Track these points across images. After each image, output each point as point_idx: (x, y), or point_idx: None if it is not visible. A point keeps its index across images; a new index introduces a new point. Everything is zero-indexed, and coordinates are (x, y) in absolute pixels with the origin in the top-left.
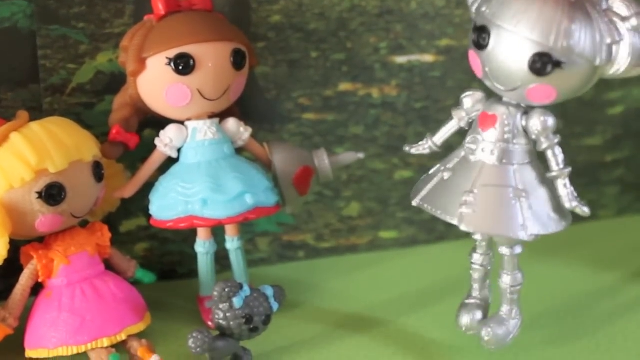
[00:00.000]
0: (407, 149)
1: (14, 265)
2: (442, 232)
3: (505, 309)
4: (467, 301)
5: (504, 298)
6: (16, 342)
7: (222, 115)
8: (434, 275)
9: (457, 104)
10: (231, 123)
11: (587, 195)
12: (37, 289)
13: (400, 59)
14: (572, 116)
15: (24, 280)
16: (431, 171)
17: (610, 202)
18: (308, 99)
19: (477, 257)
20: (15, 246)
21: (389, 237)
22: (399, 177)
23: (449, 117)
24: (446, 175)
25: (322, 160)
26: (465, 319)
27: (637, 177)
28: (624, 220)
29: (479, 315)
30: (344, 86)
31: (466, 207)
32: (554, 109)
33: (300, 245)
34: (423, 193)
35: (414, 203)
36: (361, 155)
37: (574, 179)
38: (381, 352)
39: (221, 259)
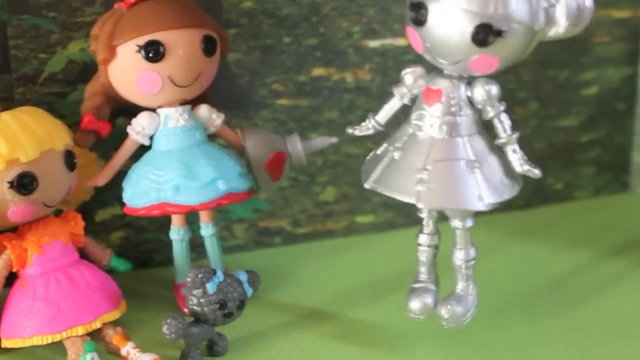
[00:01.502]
0: (350, 131)
1: None
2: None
3: (461, 285)
4: (415, 285)
5: (458, 275)
6: None
7: (194, 102)
8: (412, 259)
9: None
10: (203, 109)
11: (563, 176)
12: (10, 279)
13: (374, 43)
14: (546, 97)
15: None
16: (379, 150)
17: (586, 182)
18: (281, 85)
19: (424, 238)
20: None
21: (366, 222)
22: None
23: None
24: (396, 154)
25: (295, 145)
26: (415, 304)
27: (613, 157)
28: (600, 200)
29: (429, 299)
30: (318, 71)
31: (421, 184)
32: (529, 90)
33: (276, 231)
34: (375, 175)
35: (367, 185)
36: (334, 140)
37: (550, 160)
38: (359, 336)
39: (197, 246)
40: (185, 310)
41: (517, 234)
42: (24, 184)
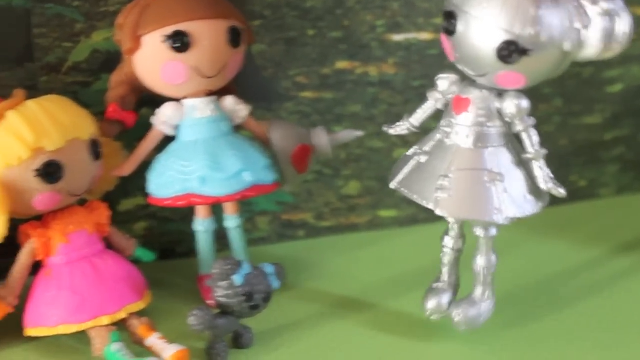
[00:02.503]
0: (385, 129)
1: (12, 244)
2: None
3: (478, 291)
4: (435, 285)
5: (477, 280)
6: (15, 321)
7: (219, 93)
8: (434, 254)
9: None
10: (229, 101)
11: (587, 174)
12: (36, 267)
13: (398, 37)
14: (571, 95)
15: (23, 259)
16: (409, 152)
17: (610, 180)
18: (305, 77)
19: (448, 241)
20: (14, 225)
21: (389, 216)
22: (398, 156)
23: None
24: (423, 158)
25: (321, 138)
26: (431, 303)
27: (637, 155)
28: (623, 198)
29: (445, 299)
30: (342, 64)
31: (442, 191)
32: (554, 87)
33: (300, 224)
34: (400, 177)
35: (392, 185)
36: (360, 134)
37: (573, 158)
38: (382, 330)
39: (220, 239)
40: (210, 301)
41: (540, 231)
42: (50, 172)
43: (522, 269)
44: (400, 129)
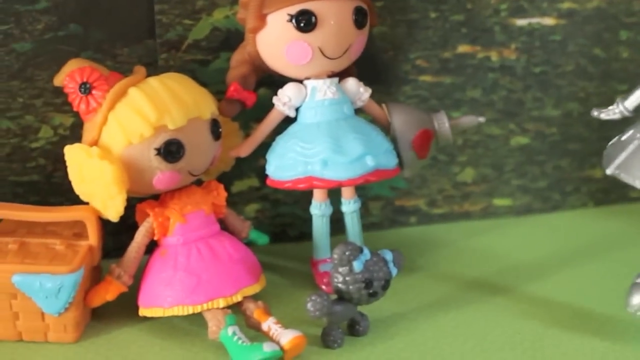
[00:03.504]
0: (595, 113)
1: (124, 222)
2: (557, 201)
3: None
4: (638, 280)
5: None
6: (129, 301)
7: (340, 75)
8: (550, 245)
9: (578, 69)
10: (351, 83)
11: None
12: (150, 247)
13: (521, 22)
14: None
15: (139, 238)
16: (623, 137)
17: None
18: (425, 61)
19: None
20: (127, 204)
21: (503, 205)
22: (515, 143)
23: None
24: None
25: (443, 122)
26: (636, 299)
27: None
28: None
29: None
30: (463, 48)
31: None
32: None
33: (412, 211)
34: (618, 161)
35: (609, 172)
36: (482, 119)
37: None
38: (500, 320)
39: (331, 223)
40: (323, 287)
41: None
42: (171, 151)
43: None
44: (612, 112)
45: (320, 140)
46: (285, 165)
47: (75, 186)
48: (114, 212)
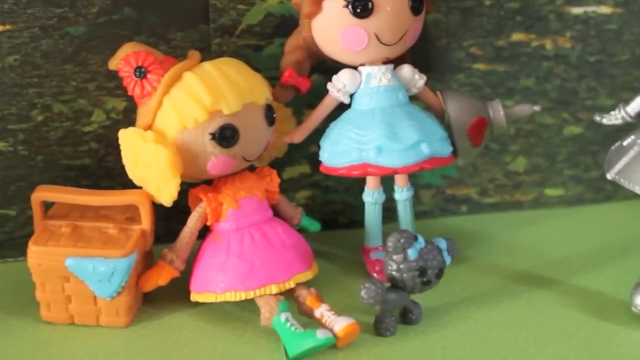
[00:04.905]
0: (597, 118)
1: (175, 207)
2: (610, 191)
3: None
4: None
5: None
6: (181, 286)
7: (395, 62)
8: (603, 236)
9: (633, 58)
10: (406, 69)
11: None
12: (202, 233)
13: (576, 10)
14: None
15: (192, 223)
16: (625, 142)
17: None
18: (479, 49)
19: None
20: (182, 189)
21: (555, 195)
22: (569, 133)
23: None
24: None
25: (498, 111)
26: (638, 299)
27: None
28: None
29: None
30: (517, 36)
31: None
32: None
33: (463, 200)
34: (618, 167)
35: (609, 176)
36: (537, 108)
37: None
38: (554, 310)
39: (383, 211)
40: (375, 275)
41: None
42: (226, 136)
43: None
44: (614, 118)
45: (375, 127)
46: (340, 151)
47: (129, 170)
48: (167, 196)
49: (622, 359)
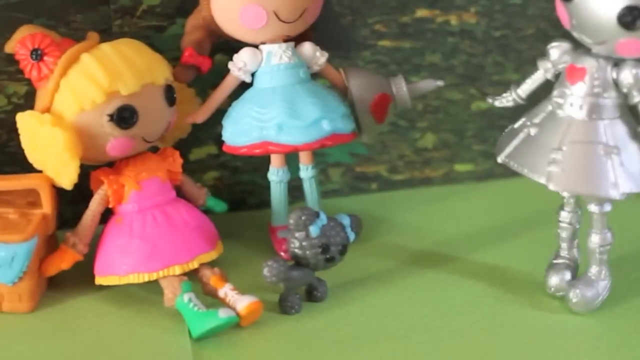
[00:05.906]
0: (489, 101)
1: (81, 191)
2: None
3: (594, 269)
4: (555, 261)
5: (592, 258)
6: (85, 269)
7: (296, 40)
8: (511, 210)
9: (538, 32)
10: (307, 47)
11: None
12: (105, 216)
13: None
14: None
15: (94, 206)
16: (516, 125)
17: None
18: (384, 26)
19: (565, 215)
20: (84, 172)
21: (465, 170)
22: (476, 108)
23: (534, 68)
24: (532, 130)
25: (401, 87)
26: (554, 280)
27: None
28: None
29: (567, 275)
30: (422, 12)
31: (554, 165)
32: None
33: (373, 177)
34: (508, 150)
35: (499, 160)
36: (440, 83)
37: None
38: (458, 286)
39: (291, 190)
40: (282, 253)
41: None
42: (124, 117)
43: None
44: (506, 100)
45: (276, 105)
46: (241, 130)
47: (28, 154)
48: (67, 179)
49: (526, 330)
